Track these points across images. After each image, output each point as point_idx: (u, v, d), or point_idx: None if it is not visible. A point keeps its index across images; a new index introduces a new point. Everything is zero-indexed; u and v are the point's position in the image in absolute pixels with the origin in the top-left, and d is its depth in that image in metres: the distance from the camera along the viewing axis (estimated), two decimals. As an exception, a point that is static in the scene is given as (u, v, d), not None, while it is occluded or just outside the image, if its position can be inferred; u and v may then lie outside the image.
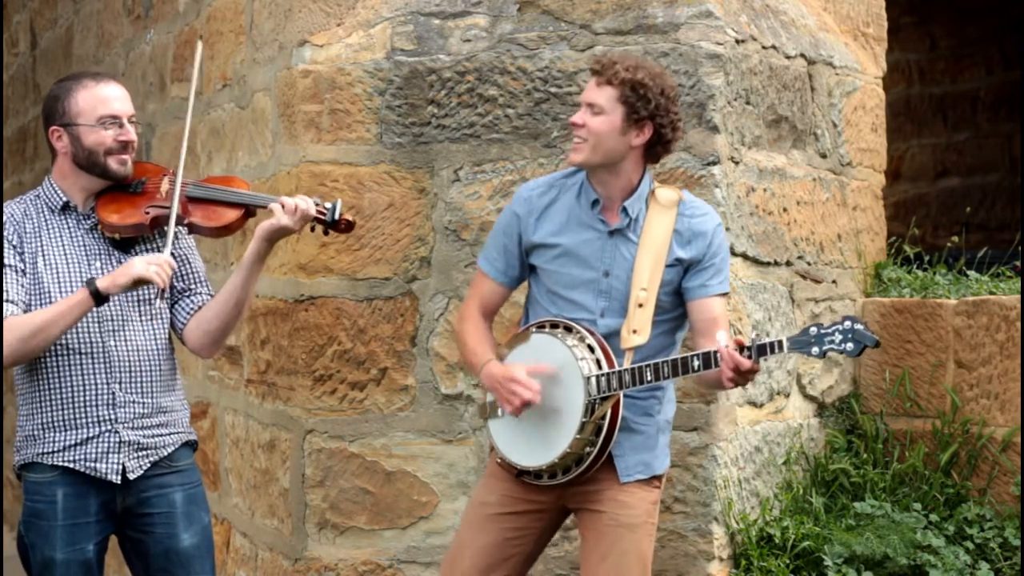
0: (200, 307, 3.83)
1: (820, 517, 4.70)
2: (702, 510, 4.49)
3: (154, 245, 3.78)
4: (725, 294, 3.75)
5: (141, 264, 3.57)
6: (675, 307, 3.74)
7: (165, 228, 3.72)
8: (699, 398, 4.49)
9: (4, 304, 3.60)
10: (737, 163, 4.63)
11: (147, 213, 3.71)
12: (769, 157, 4.82)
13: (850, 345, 3.45)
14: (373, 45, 4.69)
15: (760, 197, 4.73)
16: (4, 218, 3.71)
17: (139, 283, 3.60)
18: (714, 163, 4.50)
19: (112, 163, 3.71)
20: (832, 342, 3.46)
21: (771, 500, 4.72)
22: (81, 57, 7.92)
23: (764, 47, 4.78)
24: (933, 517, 4.75)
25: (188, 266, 3.85)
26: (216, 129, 5.58)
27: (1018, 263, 5.63)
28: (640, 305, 3.66)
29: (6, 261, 3.65)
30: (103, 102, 3.70)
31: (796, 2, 5.13)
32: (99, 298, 3.57)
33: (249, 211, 3.78)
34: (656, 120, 3.67)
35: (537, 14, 4.65)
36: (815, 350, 3.47)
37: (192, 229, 3.78)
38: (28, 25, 9.42)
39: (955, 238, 5.86)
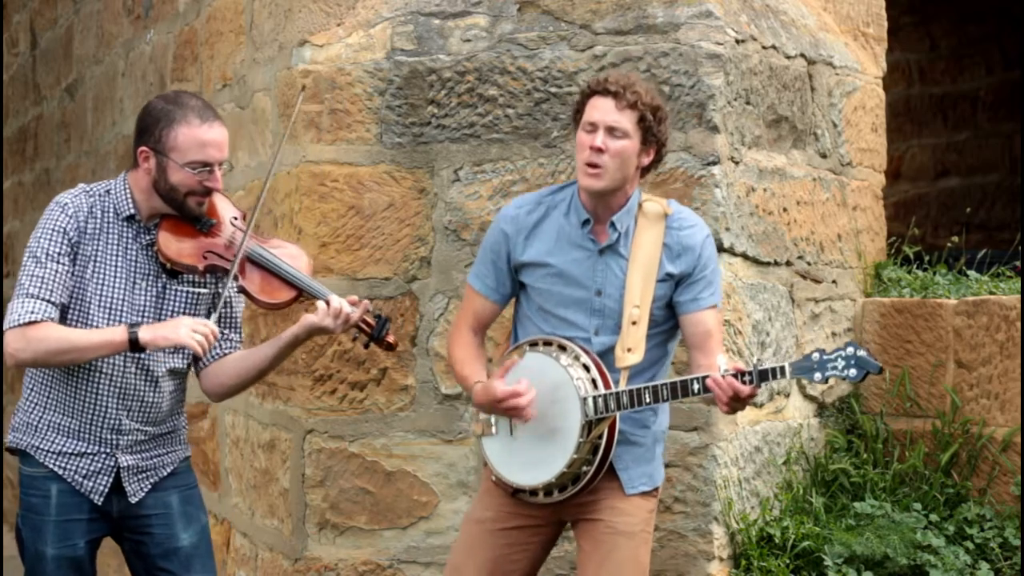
0: (226, 354, 3.79)
1: (820, 517, 4.70)
2: (702, 510, 4.49)
3: (202, 281, 3.74)
4: (717, 305, 3.73)
5: (186, 331, 3.52)
6: (667, 320, 3.73)
7: (217, 276, 3.69)
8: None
9: (40, 302, 3.55)
10: (737, 163, 4.63)
11: (204, 258, 3.66)
12: (769, 157, 4.82)
13: (853, 371, 3.46)
14: (373, 45, 4.69)
15: (760, 197, 4.73)
16: (70, 211, 3.63)
17: (179, 347, 3.58)
18: (714, 163, 4.50)
19: (191, 202, 3.65)
20: (835, 368, 3.46)
21: (771, 500, 4.72)
22: (81, 57, 7.92)
23: (764, 47, 4.78)
24: (933, 517, 4.75)
25: (229, 309, 3.81)
26: (216, 129, 5.57)
27: (1018, 263, 5.63)
28: (634, 323, 3.64)
29: (58, 259, 3.59)
30: (201, 147, 3.60)
31: (796, 2, 5.13)
32: (136, 347, 3.54)
33: (302, 295, 3.73)
34: (660, 141, 3.68)
35: (537, 14, 4.66)
36: (817, 376, 3.47)
37: (242, 292, 3.73)
38: (28, 25, 9.42)
39: (955, 238, 5.86)
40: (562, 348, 3.67)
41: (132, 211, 3.68)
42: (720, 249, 4.47)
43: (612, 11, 4.60)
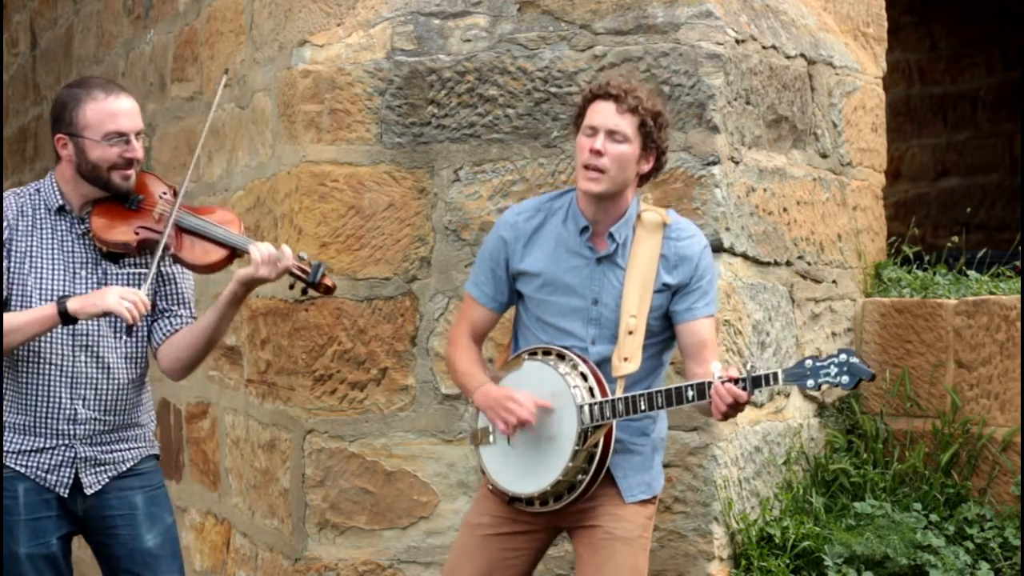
0: (178, 329, 3.81)
1: (820, 517, 4.70)
2: (702, 510, 4.49)
3: (142, 260, 3.76)
4: (712, 315, 3.73)
5: (114, 297, 3.55)
6: (663, 330, 3.72)
7: (153, 250, 3.72)
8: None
9: None
10: (737, 163, 4.63)
11: (136, 234, 3.70)
12: (769, 157, 4.82)
13: (846, 378, 3.44)
14: (373, 45, 4.69)
15: (760, 197, 4.73)
16: (3, 209, 3.71)
17: (109, 314, 3.59)
18: (714, 163, 4.50)
19: (115, 178, 3.70)
20: (827, 375, 3.45)
21: (771, 500, 4.72)
22: (81, 57, 7.92)
23: (764, 47, 4.78)
24: (933, 517, 4.75)
25: (173, 286, 3.84)
26: (216, 129, 5.58)
27: (1018, 263, 5.63)
28: (630, 332, 3.64)
29: None
30: (112, 118, 3.66)
31: (796, 2, 5.13)
32: (67, 318, 3.57)
33: (236, 252, 3.77)
34: (660, 148, 3.67)
35: (537, 14, 4.66)
36: (810, 382, 3.46)
37: (176, 260, 3.77)
38: (28, 25, 9.42)
39: (955, 238, 5.86)
40: (560, 357, 3.67)
41: (61, 202, 3.74)
42: (720, 249, 4.47)
43: (612, 11, 4.60)
